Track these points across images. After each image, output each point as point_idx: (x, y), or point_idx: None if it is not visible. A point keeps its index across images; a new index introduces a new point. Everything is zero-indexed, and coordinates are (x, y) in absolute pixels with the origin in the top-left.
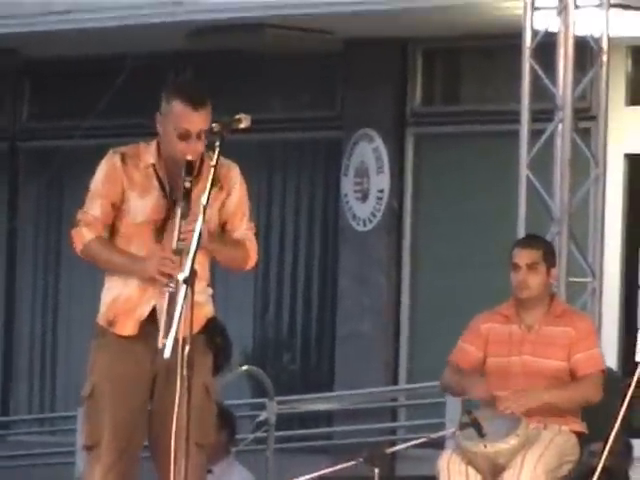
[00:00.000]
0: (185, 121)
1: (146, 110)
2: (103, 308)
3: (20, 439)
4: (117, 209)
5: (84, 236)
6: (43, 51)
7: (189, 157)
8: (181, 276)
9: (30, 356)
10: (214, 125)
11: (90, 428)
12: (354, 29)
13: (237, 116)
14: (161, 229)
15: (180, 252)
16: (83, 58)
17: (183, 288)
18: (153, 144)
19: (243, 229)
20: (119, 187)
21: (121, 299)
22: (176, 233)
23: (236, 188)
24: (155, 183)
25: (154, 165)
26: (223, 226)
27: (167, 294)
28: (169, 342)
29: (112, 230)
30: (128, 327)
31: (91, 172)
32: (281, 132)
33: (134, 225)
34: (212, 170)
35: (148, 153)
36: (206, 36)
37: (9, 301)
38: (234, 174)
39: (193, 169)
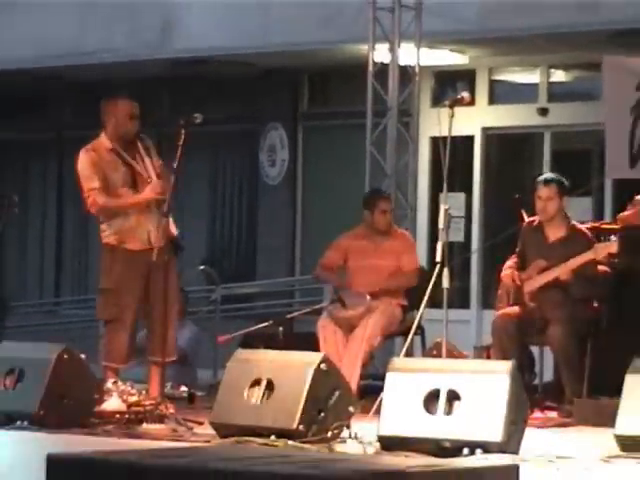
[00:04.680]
0: (132, 109)
1: (143, 110)
2: (114, 235)
3: (65, 312)
4: (104, 181)
5: (98, 200)
6: (78, 76)
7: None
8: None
9: (72, 259)
10: (181, 120)
11: (110, 308)
12: (267, 62)
13: (194, 115)
14: (133, 183)
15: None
16: (105, 79)
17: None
18: (103, 137)
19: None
20: (101, 169)
21: (124, 229)
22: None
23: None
24: (117, 158)
25: (113, 148)
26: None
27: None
28: (155, 251)
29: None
30: (136, 245)
31: None
32: (222, 125)
33: (115, 187)
34: (180, 148)
35: (105, 142)
36: (178, 67)
37: (59, 223)
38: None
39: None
